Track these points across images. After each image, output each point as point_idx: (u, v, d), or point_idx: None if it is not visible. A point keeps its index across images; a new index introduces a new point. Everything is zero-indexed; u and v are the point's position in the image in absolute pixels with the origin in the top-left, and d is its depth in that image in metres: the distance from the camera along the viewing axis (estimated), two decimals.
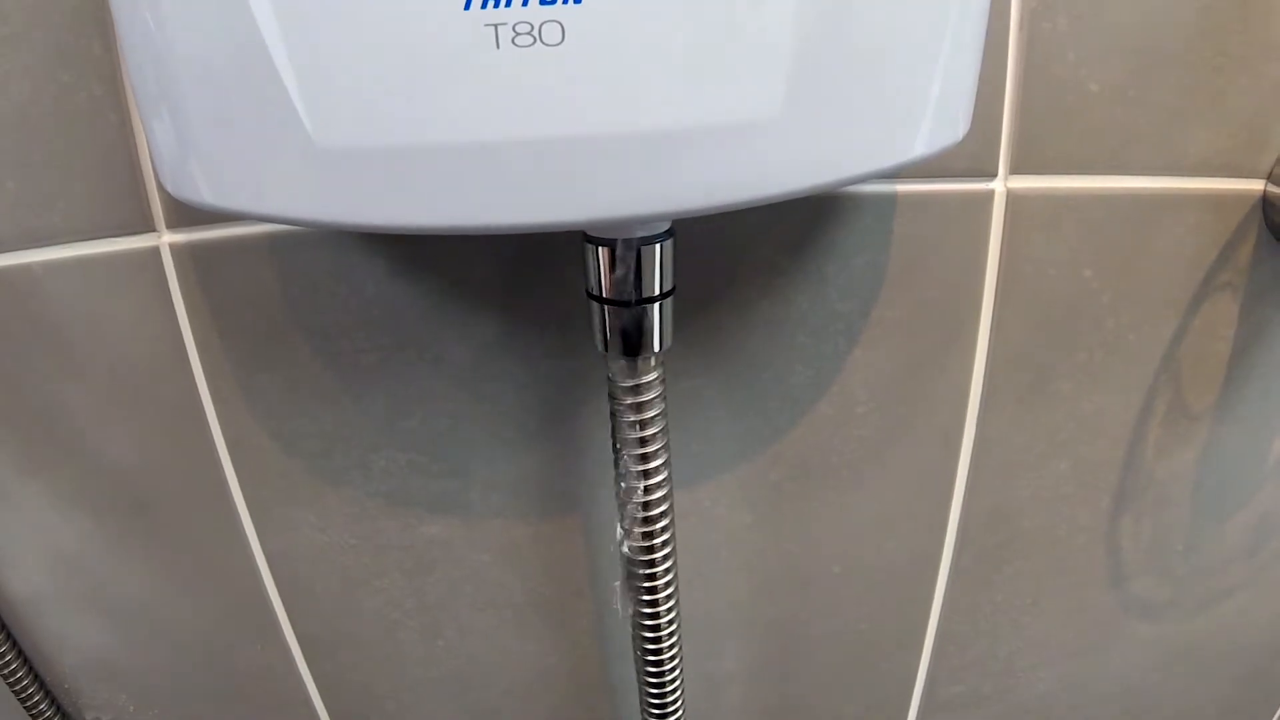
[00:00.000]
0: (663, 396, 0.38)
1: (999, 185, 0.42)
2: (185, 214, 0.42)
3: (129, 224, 0.42)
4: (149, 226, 0.43)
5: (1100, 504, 0.52)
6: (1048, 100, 0.41)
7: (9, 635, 0.54)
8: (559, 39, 0.24)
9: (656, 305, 0.34)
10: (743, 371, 0.46)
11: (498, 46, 0.24)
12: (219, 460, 0.48)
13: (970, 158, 0.41)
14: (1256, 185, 0.44)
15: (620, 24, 0.24)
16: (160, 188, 0.41)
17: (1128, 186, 0.43)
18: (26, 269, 0.43)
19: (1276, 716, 0.66)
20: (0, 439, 0.48)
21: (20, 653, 0.55)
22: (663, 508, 0.40)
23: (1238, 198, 0.44)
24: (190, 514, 0.49)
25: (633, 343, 0.35)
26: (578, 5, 0.24)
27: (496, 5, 0.24)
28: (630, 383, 0.36)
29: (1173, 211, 0.44)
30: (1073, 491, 0.51)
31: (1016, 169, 0.42)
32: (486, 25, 0.24)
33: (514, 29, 0.24)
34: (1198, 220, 0.44)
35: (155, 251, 0.43)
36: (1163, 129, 0.42)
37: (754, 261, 0.44)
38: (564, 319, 0.44)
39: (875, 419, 0.48)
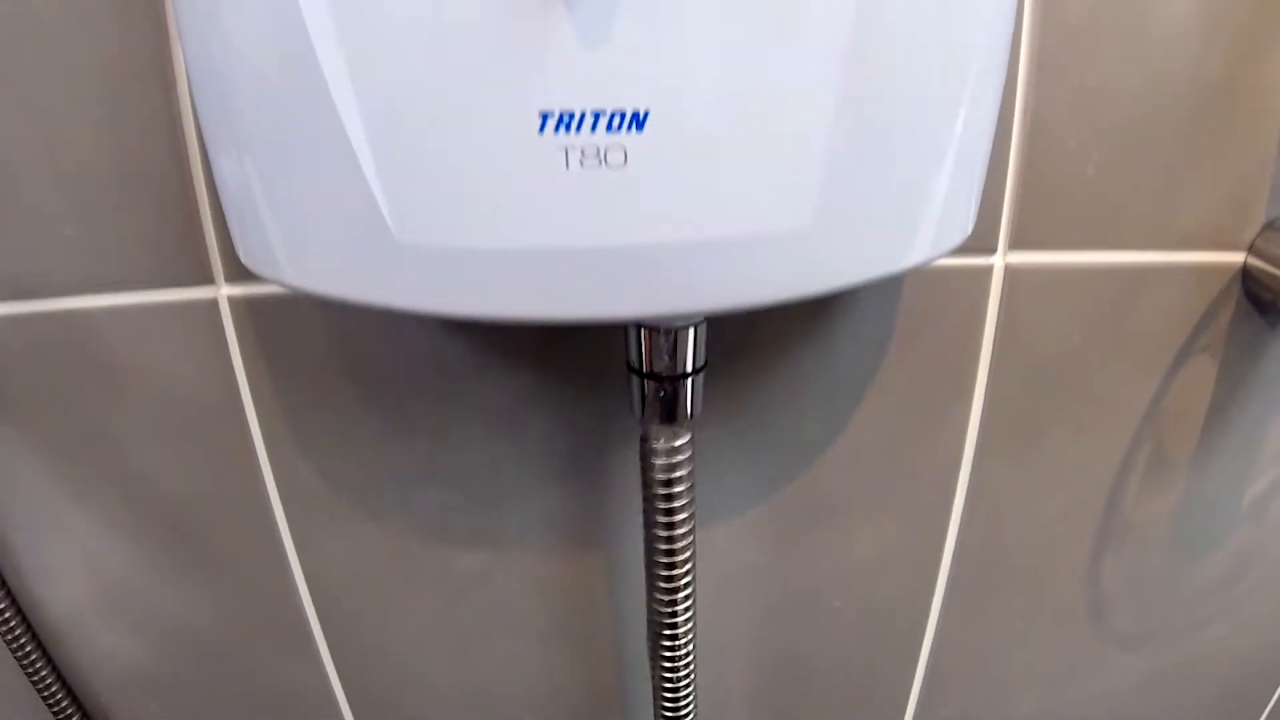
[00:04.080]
0: (691, 458, 0.41)
1: (998, 260, 0.46)
2: (244, 269, 0.45)
3: (189, 276, 0.45)
4: (208, 279, 0.45)
5: (1084, 544, 0.56)
6: (1046, 183, 0.44)
7: (44, 651, 0.56)
8: (622, 162, 0.27)
9: (690, 380, 0.38)
10: (758, 424, 0.49)
11: (567, 167, 0.27)
12: (266, 492, 0.51)
13: (973, 236, 0.44)
14: (1238, 257, 0.48)
15: (676, 150, 0.27)
16: (220, 242, 0.44)
17: (1117, 261, 0.47)
18: (87, 313, 0.46)
19: None
20: (52, 465, 0.50)
21: (55, 668, 0.57)
22: (686, 552, 0.43)
23: (1220, 269, 0.48)
24: (235, 540, 0.52)
25: (668, 412, 0.38)
26: (639, 134, 0.27)
27: (569, 131, 0.27)
28: (663, 445, 0.39)
29: (1159, 282, 0.47)
30: (1058, 533, 0.55)
31: (1015, 245, 0.45)
32: (559, 148, 0.27)
33: (583, 152, 0.27)
34: (1181, 289, 0.48)
35: (214, 303, 0.46)
36: (1152, 207, 0.46)
37: (772, 328, 0.47)
38: (596, 374, 0.47)
39: (878, 467, 0.51)
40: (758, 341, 0.47)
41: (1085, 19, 0.41)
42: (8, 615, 0.53)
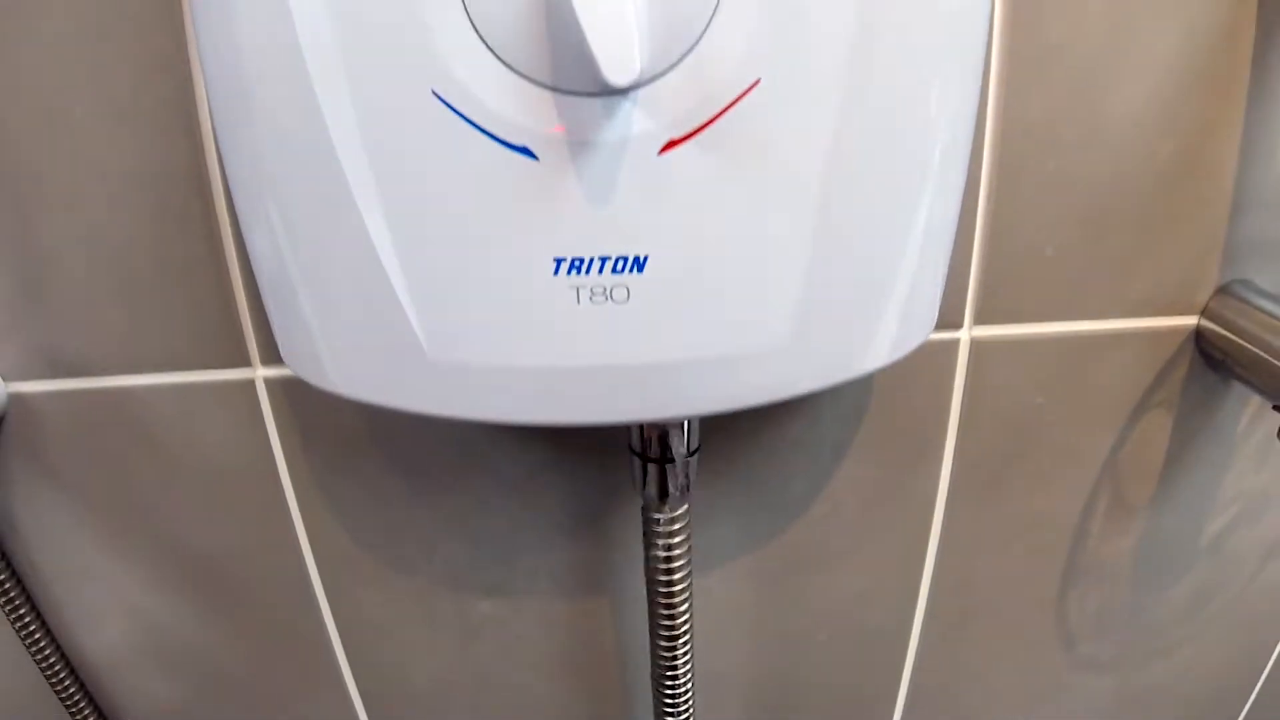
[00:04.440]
0: (687, 524, 0.46)
1: (964, 334, 0.50)
2: (279, 352, 0.49)
3: (227, 358, 0.50)
4: (245, 361, 0.50)
5: (1050, 581, 0.60)
6: (1008, 262, 0.48)
7: (86, 693, 0.60)
8: (625, 298, 0.32)
9: (685, 462, 0.43)
10: (748, 482, 0.54)
11: (578, 302, 0.32)
12: (300, 548, 0.55)
13: (940, 312, 0.49)
14: (1191, 320, 0.52)
15: (671, 287, 0.32)
16: (256, 328, 0.48)
17: (1076, 330, 0.51)
18: (132, 390, 0.51)
19: None
20: (96, 523, 0.55)
21: (97, 709, 0.61)
22: (684, 603, 0.48)
23: (1175, 331, 0.52)
24: (270, 591, 0.56)
25: (665, 489, 0.43)
26: (640, 274, 0.32)
27: (579, 273, 0.32)
28: (663, 516, 0.44)
29: (1117, 346, 0.52)
30: (1025, 572, 0.59)
31: (979, 320, 0.50)
32: (571, 287, 0.32)
33: (591, 290, 0.32)
34: (1138, 351, 0.52)
35: (250, 383, 0.50)
36: (1109, 279, 0.50)
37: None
38: (601, 448, 0.52)
39: (858, 517, 0.56)
40: (748, 414, 0.52)
41: (1045, 115, 0.45)
42: (52, 660, 0.58)
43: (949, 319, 0.49)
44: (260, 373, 0.50)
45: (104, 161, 0.44)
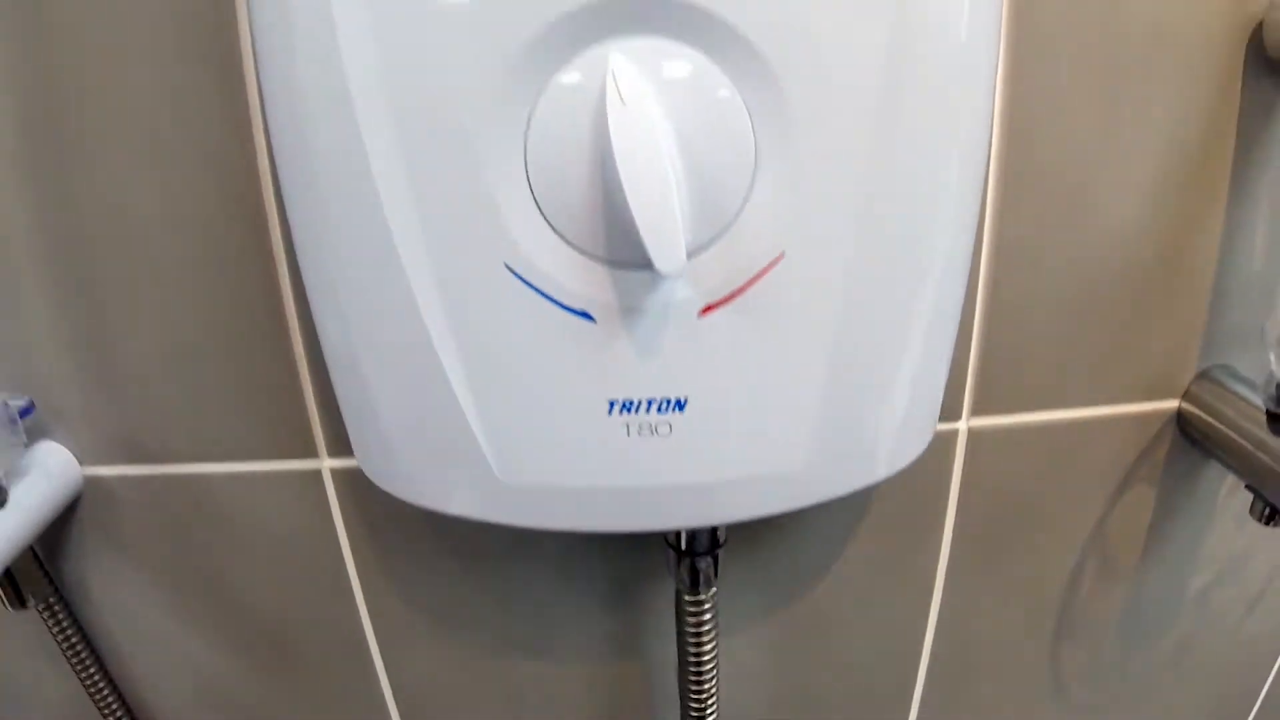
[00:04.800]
0: (715, 605, 0.51)
1: (962, 425, 0.55)
2: (345, 444, 0.52)
3: (295, 449, 0.54)
4: (312, 453, 0.54)
5: (1044, 638, 0.65)
6: (1003, 360, 0.53)
7: None
8: (669, 432, 0.37)
9: (713, 554, 0.48)
10: (768, 560, 0.59)
11: (628, 435, 0.38)
12: (359, 617, 0.59)
13: (940, 406, 0.54)
14: (1173, 404, 0.56)
15: (708, 423, 0.37)
16: (323, 422, 0.53)
17: (1067, 417, 0.55)
18: (202, 477, 0.55)
19: None
20: (165, 591, 0.59)
21: None
22: (711, 668, 0.53)
23: (1158, 414, 0.56)
24: (330, 655, 0.61)
25: (696, 577, 0.49)
26: (681, 413, 0.37)
27: (630, 412, 0.37)
28: (693, 599, 0.50)
29: (1103, 429, 0.56)
30: (1021, 631, 0.64)
31: (976, 412, 0.54)
32: (622, 424, 0.37)
33: (640, 426, 0.37)
34: (1124, 432, 0.56)
35: (318, 473, 0.55)
36: (1096, 369, 0.54)
37: None
38: (637, 534, 0.57)
39: (866, 588, 0.60)
40: None
41: (1036, 228, 0.50)
42: (120, 716, 0.63)
43: (948, 411, 0.54)
44: (327, 464, 0.54)
45: (178, 264, 0.49)
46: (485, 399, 0.37)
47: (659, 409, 0.36)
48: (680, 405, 0.36)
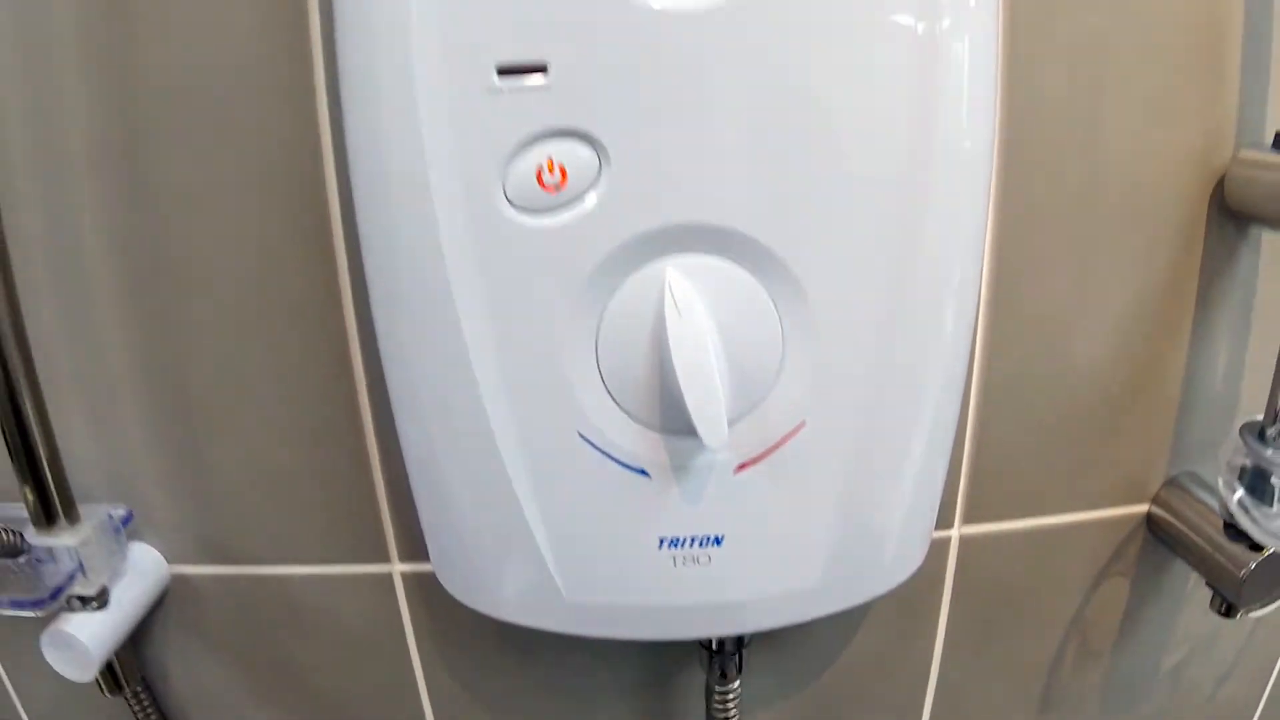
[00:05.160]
0: (739, 692, 0.59)
1: (955, 532, 0.61)
2: (415, 550, 0.58)
3: (369, 554, 0.60)
4: (384, 558, 0.61)
5: (1030, 710, 0.70)
6: (992, 473, 0.59)
7: None
8: (708, 562, 0.45)
9: (740, 650, 0.56)
10: (783, 653, 0.65)
11: (675, 566, 0.45)
12: (421, 705, 0.66)
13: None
14: (1144, 507, 0.61)
15: (739, 555, 0.45)
16: (395, 530, 0.59)
17: (1049, 522, 0.61)
18: (280, 578, 0.60)
19: None
20: (236, 680, 0.64)
21: None
22: None
23: (1130, 516, 0.61)
24: None
25: (724, 671, 0.57)
26: (718, 547, 0.45)
27: (676, 547, 0.45)
28: (721, 689, 0.57)
29: (1081, 531, 0.62)
30: (1008, 705, 0.69)
31: (967, 520, 0.61)
32: (669, 556, 0.45)
33: (684, 558, 0.45)
34: (1100, 533, 0.62)
35: (389, 576, 0.61)
36: (1076, 479, 0.59)
37: None
38: None
39: (871, 673, 0.66)
40: None
41: (1020, 366, 0.55)
42: None
43: (942, 520, 0.60)
44: (397, 568, 0.61)
45: (265, 385, 0.54)
46: (556, 532, 0.45)
47: (700, 544, 0.44)
48: (718, 541, 0.44)
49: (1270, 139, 0.53)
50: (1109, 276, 0.55)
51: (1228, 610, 0.58)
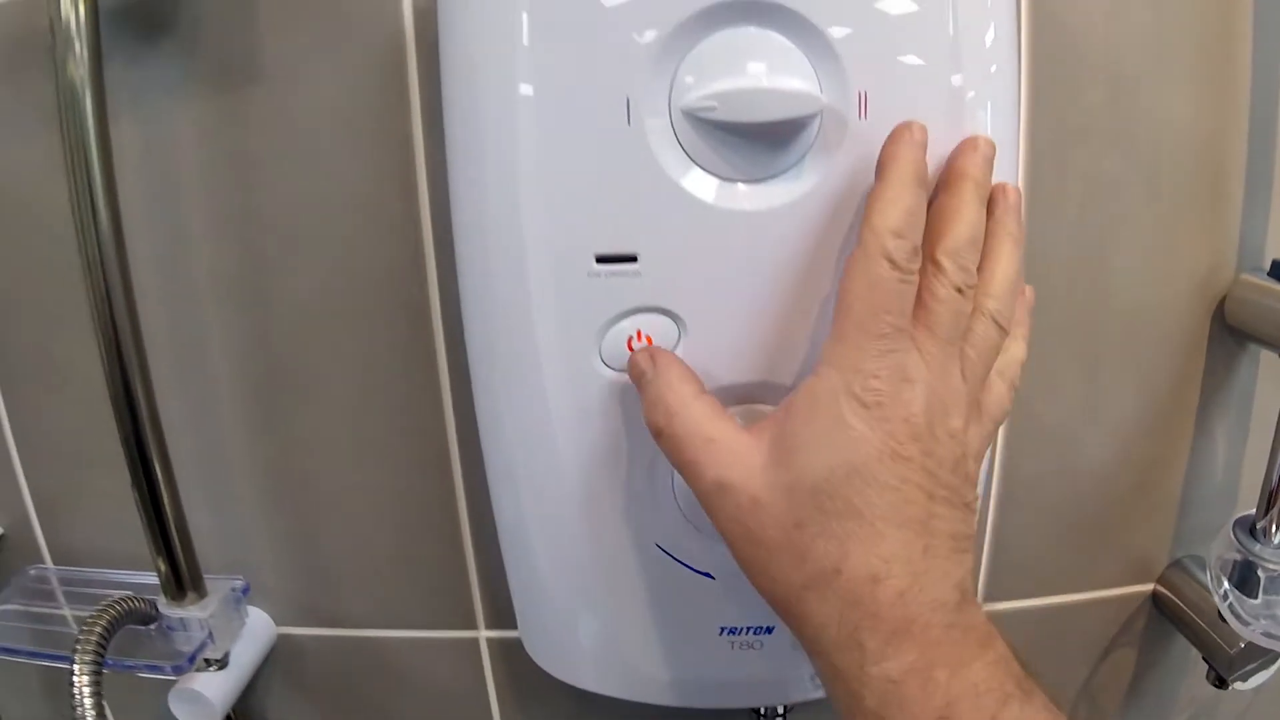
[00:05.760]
0: None
1: None
2: (499, 619, 0.64)
3: (458, 621, 0.65)
4: (472, 625, 0.66)
5: None
6: (1011, 557, 0.62)
7: None
8: (760, 646, 0.53)
9: (785, 714, 0.64)
10: (822, 714, 0.74)
11: (732, 649, 0.53)
12: None
13: None
14: (1149, 586, 0.66)
15: (786, 639, 0.50)
16: (483, 599, 0.66)
17: (1063, 600, 0.66)
18: (376, 641, 0.66)
19: None
20: None
21: None
22: None
23: (1137, 594, 0.66)
24: None
25: None
26: (770, 634, 0.53)
27: (733, 634, 0.53)
28: None
29: (1092, 608, 0.65)
30: None
31: (989, 599, 0.63)
32: (728, 641, 0.53)
33: (740, 643, 0.53)
34: (1109, 610, 0.68)
35: (475, 642, 0.66)
36: (1087, 562, 0.64)
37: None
38: None
39: None
40: None
41: (1036, 470, 0.61)
42: None
43: None
44: (484, 634, 0.66)
45: (364, 467, 0.61)
46: (633, 618, 0.52)
47: (754, 632, 0.52)
48: (769, 630, 0.52)
49: (1269, 266, 0.59)
50: (1117, 387, 0.60)
51: (1220, 682, 0.64)
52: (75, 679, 0.53)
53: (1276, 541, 0.59)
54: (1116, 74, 0.55)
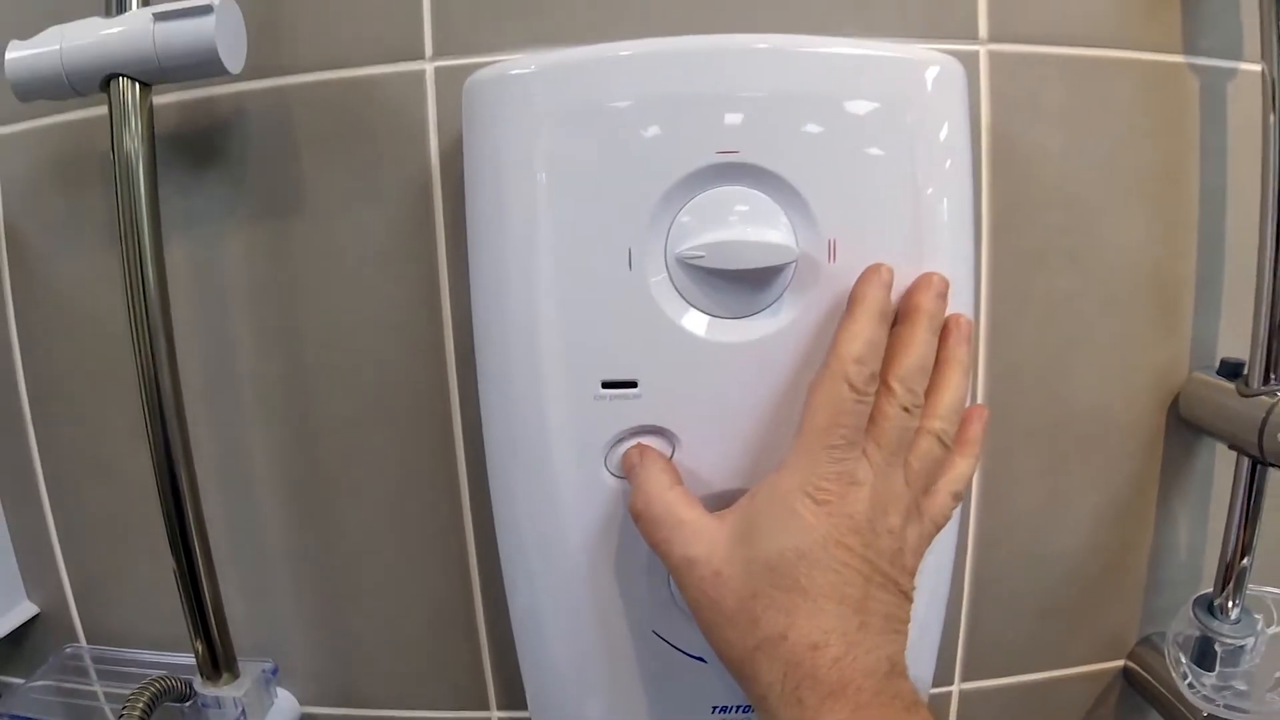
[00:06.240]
0: None
1: (955, 688, 0.69)
2: (512, 699, 0.67)
3: (472, 702, 0.68)
4: (485, 705, 0.68)
5: None
6: (986, 637, 0.67)
7: None
8: None
9: None
10: None
11: None
12: None
13: (936, 674, 0.64)
14: (1120, 662, 0.69)
15: None
16: (495, 682, 0.69)
17: (1037, 677, 0.69)
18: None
19: None
20: None
21: None
22: None
23: (1109, 670, 0.69)
24: None
25: None
26: (751, 713, 0.59)
27: (724, 712, 0.57)
28: None
29: (1066, 684, 0.69)
30: None
31: (966, 678, 0.68)
32: (719, 717, 0.58)
33: (729, 718, 0.59)
34: (1083, 686, 0.69)
35: None
36: (1060, 641, 0.68)
37: None
38: None
39: None
40: None
41: (1009, 559, 0.65)
42: None
43: (944, 678, 0.68)
44: (496, 715, 0.68)
45: (384, 561, 0.65)
46: (631, 696, 0.56)
47: (743, 710, 0.56)
48: (745, 709, 0.56)
49: (1218, 365, 0.64)
50: (1083, 479, 0.65)
51: None
52: None
53: (1234, 617, 0.63)
54: (1072, 199, 0.62)
